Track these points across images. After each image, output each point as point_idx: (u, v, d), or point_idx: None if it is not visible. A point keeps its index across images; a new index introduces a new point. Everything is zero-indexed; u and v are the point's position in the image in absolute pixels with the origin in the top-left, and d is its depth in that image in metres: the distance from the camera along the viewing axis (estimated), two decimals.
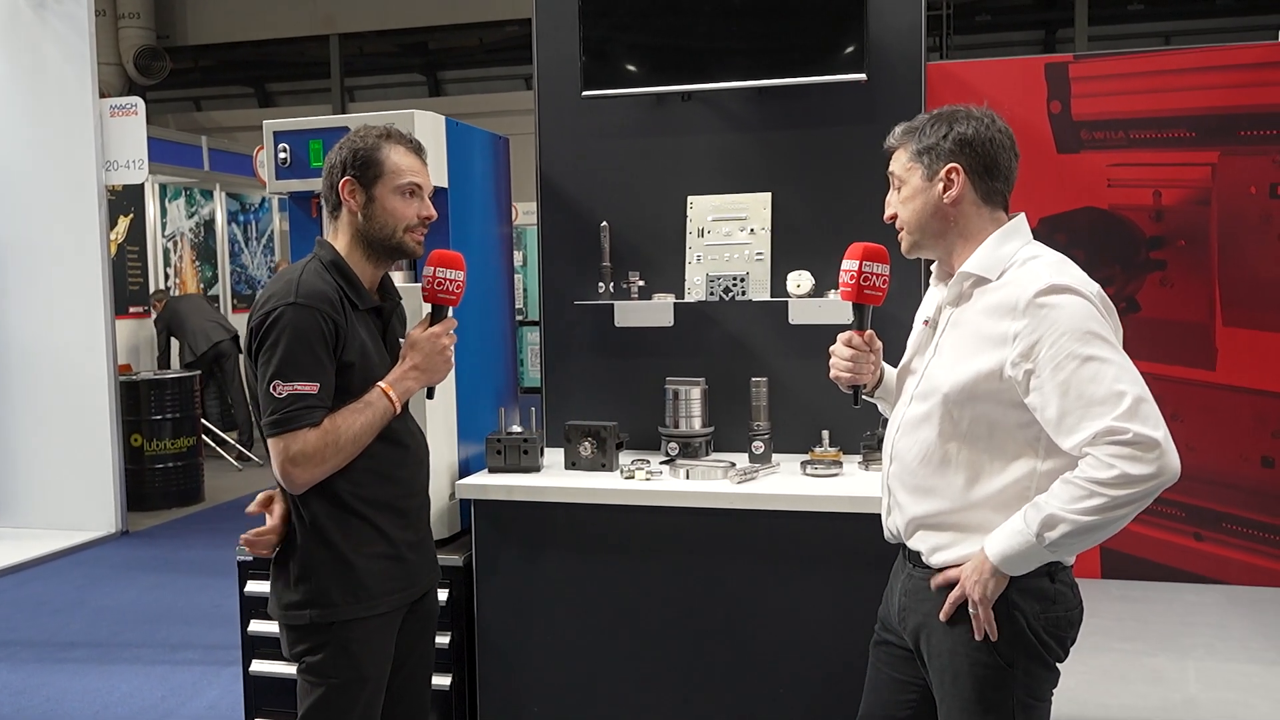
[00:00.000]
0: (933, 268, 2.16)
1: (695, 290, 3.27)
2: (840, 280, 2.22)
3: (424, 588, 2.38)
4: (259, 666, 3.07)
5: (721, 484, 2.86)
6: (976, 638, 1.94)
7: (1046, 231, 5.18)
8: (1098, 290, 1.90)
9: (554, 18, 3.36)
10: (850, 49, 3.03)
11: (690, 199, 3.29)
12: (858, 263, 2.16)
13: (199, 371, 8.30)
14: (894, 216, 2.09)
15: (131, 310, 9.35)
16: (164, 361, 9.21)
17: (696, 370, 3.26)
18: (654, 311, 3.31)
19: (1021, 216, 2.04)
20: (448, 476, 3.02)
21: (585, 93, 3.21)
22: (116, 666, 4.61)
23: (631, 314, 3.33)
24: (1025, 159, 2.15)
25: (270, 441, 2.12)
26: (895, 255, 2.18)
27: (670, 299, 3.27)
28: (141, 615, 5.31)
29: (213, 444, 8.92)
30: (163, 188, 9.92)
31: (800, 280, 3.12)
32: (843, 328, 3.12)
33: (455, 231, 3.00)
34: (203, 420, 8.25)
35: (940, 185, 2.00)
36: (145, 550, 6.60)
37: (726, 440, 3.25)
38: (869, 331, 2.24)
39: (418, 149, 2.32)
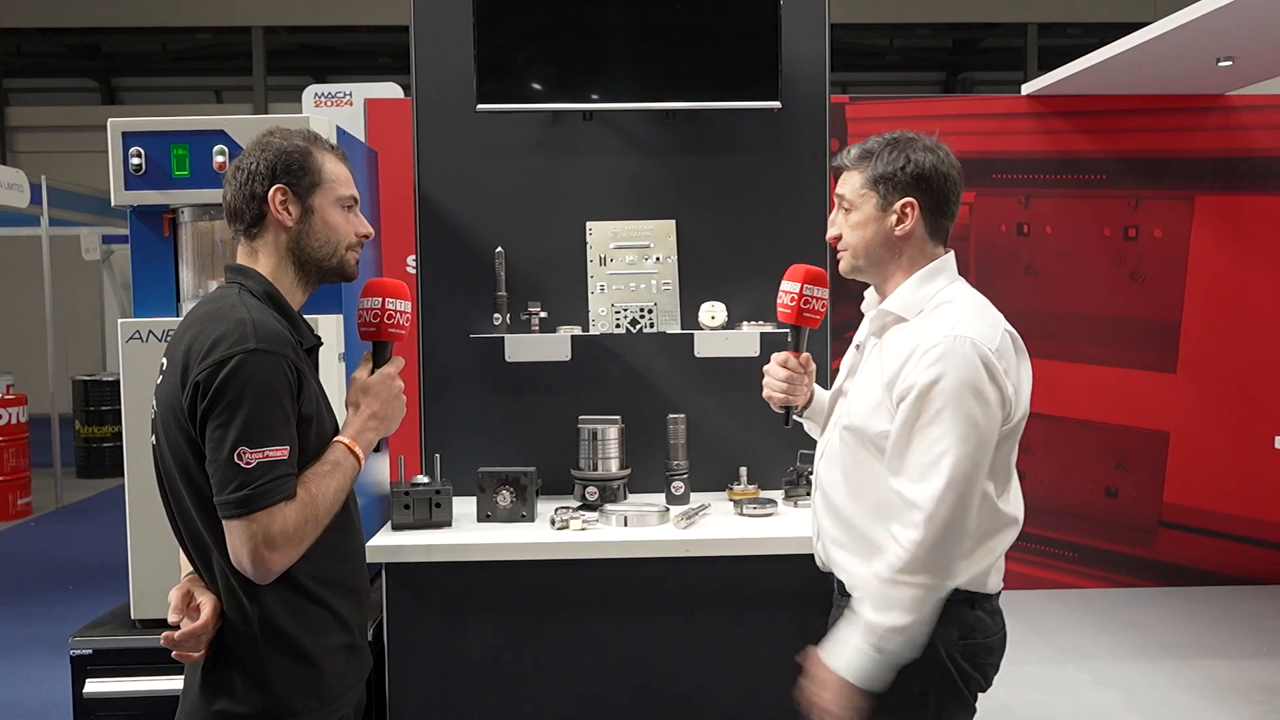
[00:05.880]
0: (867, 292, 2.13)
1: (600, 322, 3.05)
2: (779, 301, 2.24)
3: (366, 675, 2.04)
4: None
5: (665, 530, 2.67)
6: None
7: None
8: (998, 345, 1.86)
9: (436, 24, 3.04)
10: (764, 75, 2.95)
11: (590, 225, 3.08)
12: (799, 285, 2.20)
13: None
14: (838, 238, 2.04)
15: None
16: None
17: (598, 407, 3.04)
18: (548, 345, 3.06)
19: (949, 255, 2.00)
20: None
21: (480, 106, 2.92)
22: None
23: (523, 348, 3.06)
24: None
25: (237, 524, 1.69)
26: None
27: (574, 331, 3.03)
28: None
29: None
30: None
31: (715, 311, 3.00)
32: (750, 360, 3.09)
33: None
34: None
35: (894, 218, 1.96)
36: None
37: (636, 481, 3.05)
38: (805, 354, 2.26)
39: (344, 157, 1.99)
